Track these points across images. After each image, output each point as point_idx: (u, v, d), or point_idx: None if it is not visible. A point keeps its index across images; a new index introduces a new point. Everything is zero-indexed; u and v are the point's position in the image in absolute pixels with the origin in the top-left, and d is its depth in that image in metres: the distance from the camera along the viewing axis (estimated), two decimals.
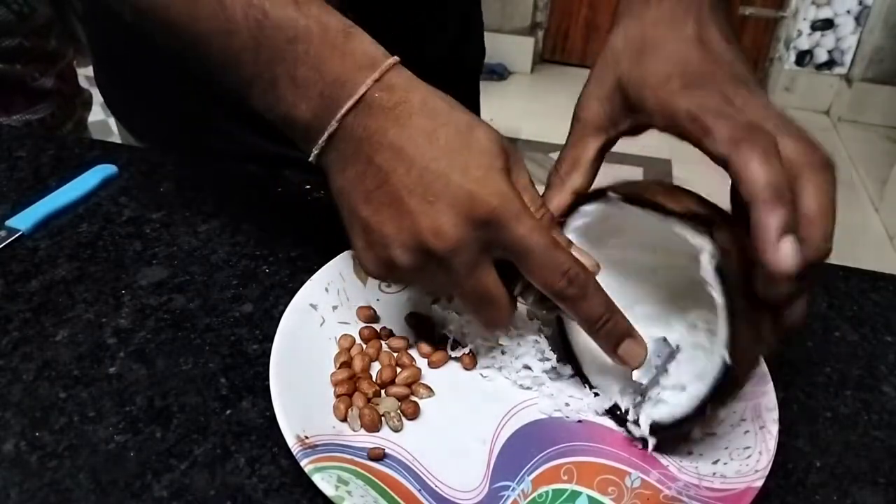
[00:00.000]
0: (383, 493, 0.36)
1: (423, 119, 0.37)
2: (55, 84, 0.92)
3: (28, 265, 0.51)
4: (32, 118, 0.90)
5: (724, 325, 0.35)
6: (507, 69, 2.97)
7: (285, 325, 0.43)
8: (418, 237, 0.36)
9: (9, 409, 0.40)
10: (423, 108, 0.38)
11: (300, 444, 0.36)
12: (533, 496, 0.37)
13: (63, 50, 0.94)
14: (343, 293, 0.47)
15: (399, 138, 0.37)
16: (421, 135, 0.37)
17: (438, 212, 0.36)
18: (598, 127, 0.42)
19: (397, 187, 0.37)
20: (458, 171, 0.36)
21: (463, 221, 0.36)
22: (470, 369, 0.44)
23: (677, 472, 0.38)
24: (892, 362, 0.48)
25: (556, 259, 0.37)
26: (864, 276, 0.55)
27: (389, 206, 0.37)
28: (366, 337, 0.45)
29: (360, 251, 0.40)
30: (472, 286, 0.38)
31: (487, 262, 0.38)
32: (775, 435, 0.38)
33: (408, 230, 0.37)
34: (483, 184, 0.36)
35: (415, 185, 0.36)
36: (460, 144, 0.37)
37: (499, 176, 0.37)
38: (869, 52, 2.70)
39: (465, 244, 0.36)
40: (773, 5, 2.89)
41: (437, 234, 0.36)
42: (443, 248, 0.36)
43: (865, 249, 2.14)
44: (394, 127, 0.37)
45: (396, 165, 0.37)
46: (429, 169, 0.36)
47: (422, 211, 0.36)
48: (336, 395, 0.41)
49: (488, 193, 0.36)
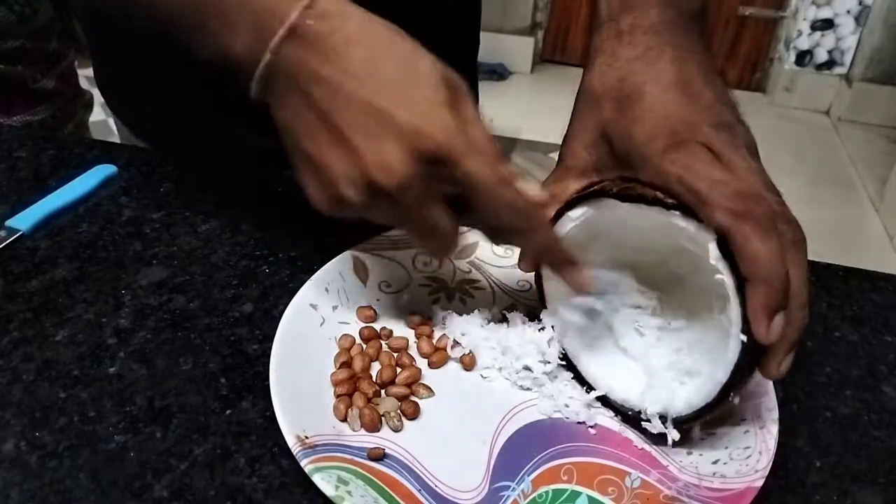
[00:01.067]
0: (383, 493, 0.36)
1: (361, 49, 0.37)
2: (56, 85, 0.92)
3: (28, 265, 0.51)
4: (33, 119, 0.90)
5: (736, 305, 0.35)
6: (507, 69, 2.97)
7: (285, 325, 0.43)
8: (366, 174, 0.36)
9: (9, 409, 0.40)
10: (360, 36, 0.37)
11: (300, 444, 0.36)
12: (533, 496, 0.37)
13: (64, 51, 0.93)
14: (343, 293, 0.47)
15: (337, 71, 0.36)
16: (360, 66, 0.36)
17: (385, 148, 0.36)
18: (583, 172, 0.42)
19: (340, 124, 0.36)
20: (402, 106, 0.36)
21: (410, 157, 0.36)
22: (470, 369, 0.44)
23: (677, 472, 0.38)
24: (892, 362, 0.48)
25: (503, 194, 0.37)
26: (864, 276, 0.55)
27: (334, 144, 0.37)
28: (366, 337, 0.45)
29: (310, 188, 0.39)
30: (420, 219, 0.38)
31: (436, 196, 0.38)
32: (775, 435, 0.38)
33: (355, 167, 0.36)
34: (429, 118, 0.36)
35: (359, 122, 0.36)
36: (403, 77, 0.37)
37: (444, 110, 0.36)
38: (869, 52, 2.70)
39: (413, 179, 0.36)
40: (773, 5, 2.89)
41: (384, 171, 0.36)
42: (391, 184, 0.36)
43: (865, 249, 2.14)
44: (330, 58, 0.36)
45: (337, 100, 0.36)
46: (371, 104, 0.36)
47: (368, 148, 0.36)
48: (336, 395, 0.41)
49: (435, 128, 0.36)
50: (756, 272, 0.34)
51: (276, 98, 0.39)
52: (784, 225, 0.36)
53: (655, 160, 0.37)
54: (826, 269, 0.56)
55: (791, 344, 0.36)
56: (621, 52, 0.41)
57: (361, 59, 0.36)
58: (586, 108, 0.42)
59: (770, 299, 0.34)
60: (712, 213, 0.34)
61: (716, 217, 0.34)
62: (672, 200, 0.36)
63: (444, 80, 0.37)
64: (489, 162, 0.37)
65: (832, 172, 2.54)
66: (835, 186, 2.45)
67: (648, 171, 0.37)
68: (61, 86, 0.93)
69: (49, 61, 0.91)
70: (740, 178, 0.36)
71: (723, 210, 0.34)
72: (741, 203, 0.34)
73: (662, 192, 0.37)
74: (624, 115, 0.39)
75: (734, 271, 0.35)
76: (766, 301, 0.34)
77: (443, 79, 0.37)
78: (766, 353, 0.36)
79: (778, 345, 0.35)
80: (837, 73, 2.86)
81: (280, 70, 0.37)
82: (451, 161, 0.36)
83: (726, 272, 0.35)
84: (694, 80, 0.39)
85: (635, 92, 0.39)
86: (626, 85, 0.40)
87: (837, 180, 2.49)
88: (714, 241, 0.35)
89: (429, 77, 0.37)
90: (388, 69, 0.36)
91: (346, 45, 0.36)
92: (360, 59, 0.36)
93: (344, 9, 0.37)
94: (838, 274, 0.55)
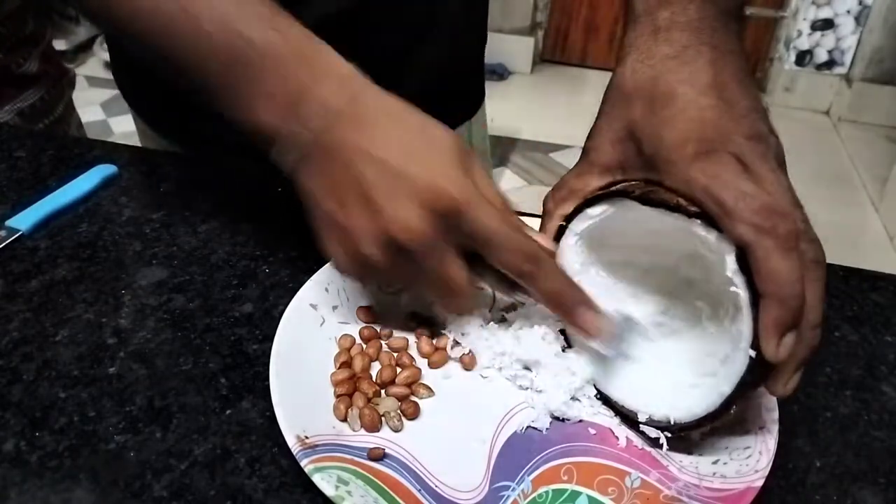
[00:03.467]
0: (383, 493, 0.36)
1: (384, 122, 0.40)
2: (40, 67, 0.90)
3: (28, 265, 0.51)
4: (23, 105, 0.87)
5: (749, 319, 0.35)
6: (507, 69, 2.97)
7: (285, 325, 0.43)
8: (385, 230, 0.38)
9: (9, 409, 0.40)
10: (382, 113, 0.41)
11: (300, 444, 0.36)
12: (533, 496, 0.37)
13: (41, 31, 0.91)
14: (343, 293, 0.47)
15: (362, 141, 0.39)
16: (382, 136, 0.39)
17: (403, 205, 0.38)
18: (607, 169, 0.42)
19: (362, 184, 0.38)
20: (419, 167, 0.38)
21: (427, 213, 0.38)
22: (470, 369, 0.44)
23: (677, 472, 0.38)
24: (892, 362, 0.48)
25: (516, 241, 0.39)
26: (864, 276, 0.55)
27: (355, 203, 0.39)
28: (366, 337, 0.45)
29: (331, 248, 0.41)
30: (437, 274, 0.40)
31: (451, 251, 0.40)
32: (775, 435, 0.38)
33: (375, 224, 0.38)
34: (443, 176, 0.38)
35: (379, 182, 0.38)
36: (419, 143, 0.40)
37: (457, 169, 0.39)
38: (869, 52, 2.70)
39: (431, 234, 0.38)
40: (773, 5, 2.89)
41: (403, 227, 0.38)
42: (410, 239, 0.38)
43: (865, 249, 2.14)
44: (357, 131, 0.39)
45: (361, 164, 0.39)
46: (391, 165, 0.38)
47: (387, 206, 0.38)
48: (336, 395, 0.41)
49: (448, 185, 0.38)
50: (772, 289, 0.34)
51: (302, 167, 0.41)
52: (806, 244, 0.35)
53: (683, 166, 0.36)
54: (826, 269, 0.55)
55: (800, 363, 0.36)
56: (657, 49, 0.40)
57: (384, 130, 0.40)
58: (616, 104, 0.41)
59: (783, 317, 0.34)
60: (735, 225, 0.34)
61: (738, 230, 0.34)
62: (695, 209, 0.36)
63: (455, 144, 0.40)
64: (499, 213, 0.39)
65: (832, 172, 2.54)
66: (835, 186, 2.45)
67: (675, 177, 0.37)
68: (45, 67, 0.91)
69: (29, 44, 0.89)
70: (768, 192, 0.35)
71: (746, 224, 0.34)
72: (766, 219, 0.34)
73: (686, 199, 0.36)
74: (655, 116, 0.38)
75: (750, 286, 0.34)
76: (778, 319, 0.34)
77: (454, 144, 0.40)
78: (773, 369, 0.36)
79: (786, 363, 0.35)
80: (837, 73, 2.86)
81: (308, 143, 0.40)
82: (465, 213, 0.38)
83: (742, 286, 0.35)
84: (730, 85, 0.38)
85: (669, 92, 0.38)
86: (660, 84, 0.39)
87: (837, 180, 2.49)
88: (733, 254, 0.35)
89: (442, 142, 0.40)
90: (406, 136, 0.40)
91: (370, 120, 0.40)
92: (382, 130, 0.40)
93: (369, 91, 0.41)
94: (838, 274, 0.55)
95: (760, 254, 0.34)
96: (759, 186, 0.35)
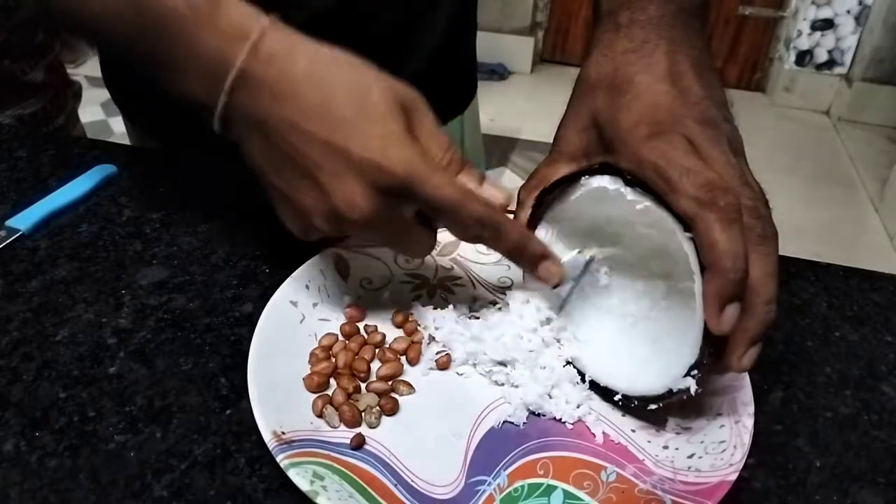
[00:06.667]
0: (359, 488, 0.36)
1: (311, 91, 0.38)
2: (45, 77, 0.91)
3: (28, 265, 0.51)
4: (24, 113, 0.88)
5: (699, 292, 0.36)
6: (507, 69, 2.97)
7: (264, 321, 0.43)
8: (335, 209, 0.38)
9: (9, 409, 0.40)
10: (308, 77, 0.38)
11: (276, 439, 0.36)
12: (508, 490, 0.37)
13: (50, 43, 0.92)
14: (324, 290, 0.47)
15: (292, 112, 0.38)
16: (313, 106, 0.38)
17: (348, 184, 0.38)
18: (572, 156, 0.43)
19: (303, 164, 0.38)
20: (359, 143, 0.37)
21: (372, 191, 0.38)
22: (446, 369, 0.44)
23: (653, 466, 0.38)
24: (892, 362, 0.48)
25: (467, 210, 0.39)
26: (864, 276, 0.55)
27: (301, 181, 0.39)
28: (346, 333, 0.45)
29: (285, 219, 0.42)
30: (394, 238, 0.42)
31: (405, 216, 0.41)
32: (750, 429, 0.38)
33: (324, 203, 0.39)
34: (386, 152, 0.37)
35: (320, 161, 0.38)
36: (356, 112, 0.38)
37: (401, 139, 0.38)
38: (869, 52, 2.71)
39: (379, 211, 0.38)
40: (773, 5, 2.89)
41: (351, 207, 0.38)
42: (359, 218, 0.38)
43: (865, 249, 2.14)
44: (283, 100, 0.38)
45: (297, 143, 0.38)
46: (329, 143, 0.37)
47: (332, 186, 0.38)
48: (314, 390, 0.41)
49: (392, 161, 0.37)
50: (712, 261, 0.34)
51: (240, 140, 0.41)
52: (753, 220, 0.36)
53: (635, 146, 0.38)
54: (826, 269, 0.56)
55: (752, 338, 0.36)
56: (618, 43, 0.42)
57: (314, 98, 0.38)
58: (581, 96, 0.43)
59: (724, 288, 0.34)
60: (679, 200, 0.35)
61: (682, 204, 0.35)
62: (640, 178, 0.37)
63: (397, 104, 0.39)
64: (449, 181, 0.39)
65: (832, 172, 2.54)
66: (835, 186, 2.45)
67: (628, 157, 0.38)
68: (50, 77, 0.92)
69: (36, 54, 0.90)
70: (715, 170, 0.36)
71: (689, 198, 0.35)
72: (707, 192, 0.34)
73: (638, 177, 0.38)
74: (614, 103, 0.40)
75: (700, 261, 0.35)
76: (719, 289, 0.34)
77: (396, 103, 0.39)
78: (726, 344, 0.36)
79: (737, 337, 0.36)
80: (837, 73, 2.86)
81: (237, 114, 0.39)
82: (413, 188, 0.38)
83: (694, 261, 0.36)
84: (685, 74, 0.40)
85: (627, 81, 0.40)
86: (619, 74, 0.41)
87: (837, 180, 2.49)
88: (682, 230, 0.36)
89: (381, 107, 0.38)
90: (341, 106, 0.38)
91: (295, 86, 0.38)
92: (312, 98, 0.38)
93: (290, 48, 0.39)
94: (838, 274, 0.55)
95: (702, 226, 0.34)
96: (706, 164, 0.36)
